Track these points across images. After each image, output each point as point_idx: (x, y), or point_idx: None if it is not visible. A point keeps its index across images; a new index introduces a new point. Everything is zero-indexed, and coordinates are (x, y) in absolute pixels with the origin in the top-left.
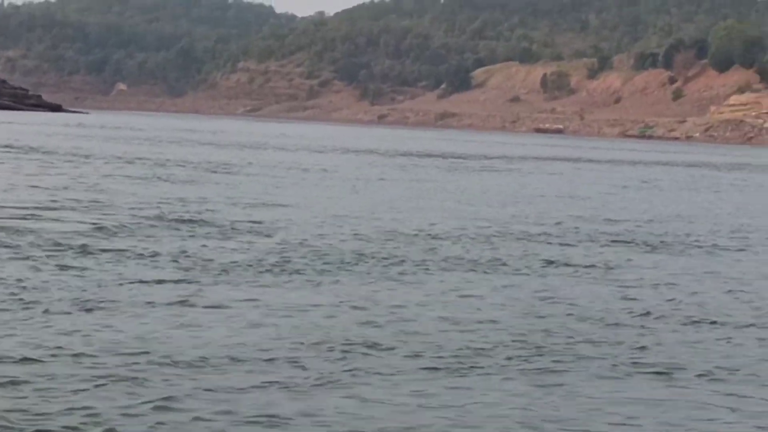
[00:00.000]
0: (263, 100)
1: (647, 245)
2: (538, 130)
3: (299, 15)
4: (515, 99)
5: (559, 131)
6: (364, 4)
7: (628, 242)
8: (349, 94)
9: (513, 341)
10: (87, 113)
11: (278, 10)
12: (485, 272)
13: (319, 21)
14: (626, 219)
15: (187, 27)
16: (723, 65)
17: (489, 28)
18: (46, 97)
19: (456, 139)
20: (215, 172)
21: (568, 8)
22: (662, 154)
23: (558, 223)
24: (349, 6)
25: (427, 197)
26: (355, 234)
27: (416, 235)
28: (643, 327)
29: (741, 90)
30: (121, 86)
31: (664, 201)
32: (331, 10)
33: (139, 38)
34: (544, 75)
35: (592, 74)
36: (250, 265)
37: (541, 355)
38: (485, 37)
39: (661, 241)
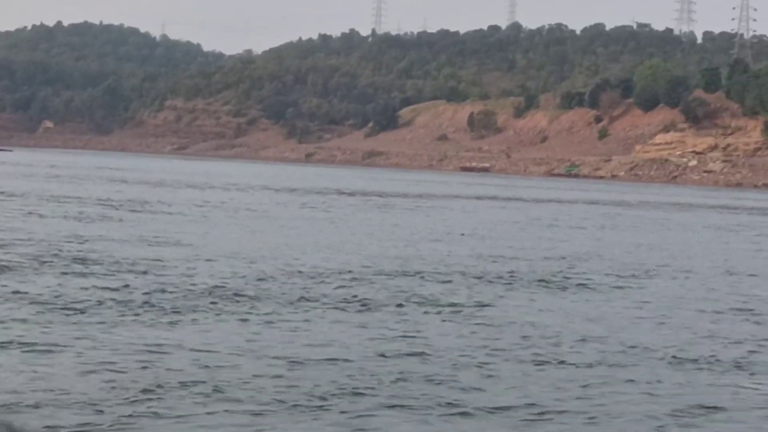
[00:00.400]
0: (190, 138)
1: (528, 283)
2: (465, 169)
3: (227, 53)
4: (442, 137)
5: (485, 170)
6: (291, 42)
7: (511, 280)
8: (277, 132)
9: (330, 381)
10: (10, 150)
11: (206, 48)
12: (345, 310)
13: (246, 59)
14: (522, 257)
15: (114, 65)
16: (648, 104)
17: (416, 67)
18: None
19: (379, 178)
20: (125, 209)
21: (495, 48)
22: (584, 192)
23: (452, 262)
24: (277, 44)
25: (333, 236)
26: (235, 273)
27: (299, 273)
28: (480, 366)
29: (666, 129)
30: (48, 124)
31: (569, 239)
32: (258, 48)
33: (66, 76)
34: (471, 114)
35: (519, 113)
36: (112, 304)
37: (357, 396)
38: (412, 76)
39: (543, 279)
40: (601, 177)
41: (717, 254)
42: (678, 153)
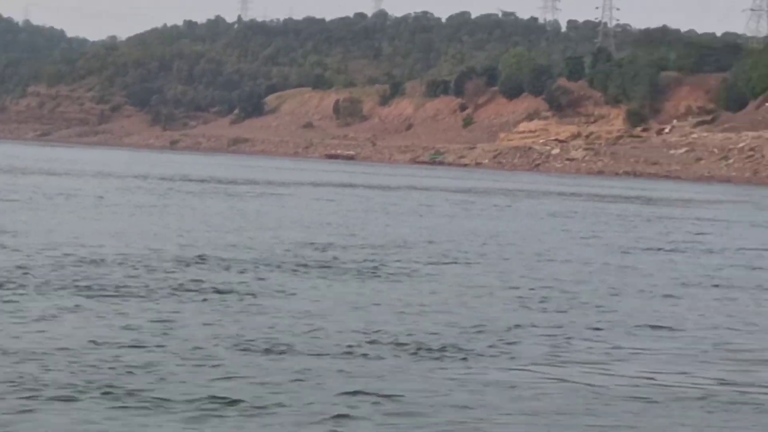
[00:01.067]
0: (53, 124)
1: (342, 271)
2: (330, 156)
3: (91, 39)
4: (308, 125)
5: (350, 157)
6: (156, 28)
7: (321, 268)
8: (141, 119)
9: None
10: None
11: (70, 34)
12: (111, 296)
13: (110, 45)
14: (352, 244)
15: None
16: (512, 93)
17: (282, 54)
18: None
19: (240, 165)
20: None
21: (361, 36)
22: (443, 180)
23: (273, 250)
24: (142, 30)
25: (159, 222)
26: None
27: (81, 260)
28: (212, 357)
29: (530, 117)
30: None
31: (409, 226)
32: (123, 35)
33: None
34: (337, 101)
35: (384, 101)
36: None
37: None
38: (278, 63)
39: (359, 267)
40: (466, 165)
41: (545, 240)
42: (541, 141)
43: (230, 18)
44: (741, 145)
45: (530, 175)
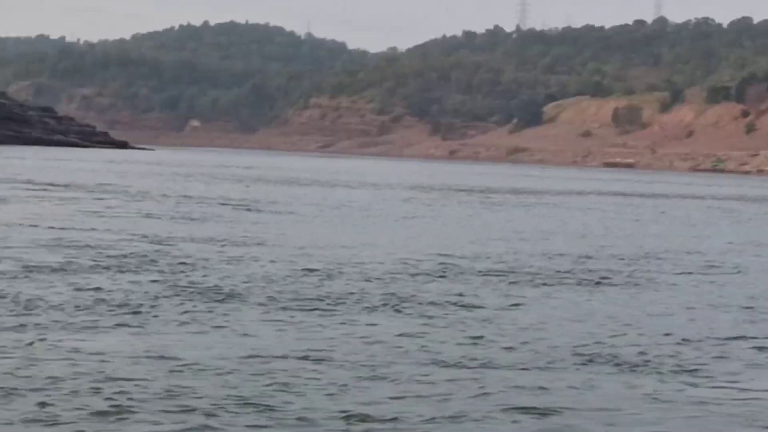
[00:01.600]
0: (335, 136)
1: (556, 280)
2: (609, 165)
3: (371, 51)
4: (586, 133)
5: (629, 166)
6: (435, 39)
7: (550, 279)
8: (421, 129)
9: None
10: (152, 149)
11: (350, 46)
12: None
13: (391, 57)
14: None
15: (260, 64)
16: None
17: (560, 62)
18: (121, 135)
19: (518, 174)
20: (241, 209)
21: (641, 42)
22: (717, 188)
23: (508, 260)
24: (421, 41)
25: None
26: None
27: (336, 271)
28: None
29: None
30: (195, 123)
31: (648, 234)
32: (403, 46)
33: (213, 75)
34: (616, 109)
35: (664, 108)
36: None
37: None
38: (556, 71)
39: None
40: (747, 172)
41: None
42: None
43: (509, 27)
44: None
45: None
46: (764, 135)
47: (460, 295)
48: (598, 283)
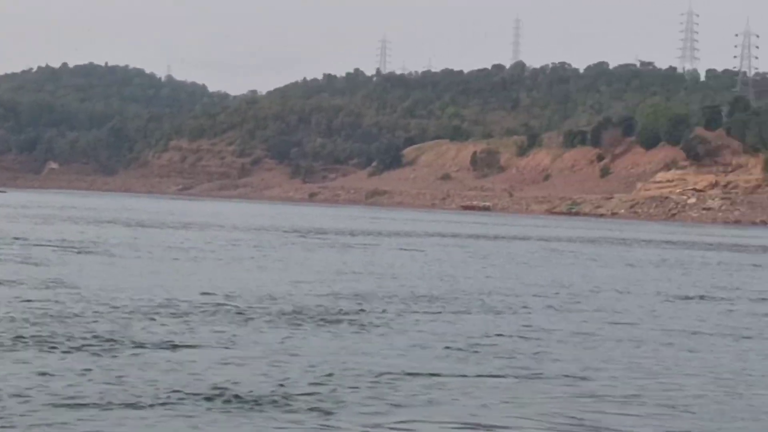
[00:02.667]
0: (195, 178)
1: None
2: (466, 208)
3: (232, 93)
4: (446, 176)
5: (486, 208)
6: (296, 82)
7: (287, 316)
8: (281, 171)
9: None
10: (4, 191)
11: (211, 88)
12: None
13: (251, 99)
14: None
15: (119, 105)
16: (650, 142)
17: (420, 106)
18: None
19: (366, 217)
20: (71, 251)
21: (499, 87)
22: (551, 229)
23: (271, 297)
24: (282, 84)
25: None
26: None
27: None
28: None
29: (667, 167)
30: (53, 165)
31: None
32: (263, 89)
33: (71, 117)
34: (474, 153)
35: (522, 152)
36: None
37: None
38: (416, 115)
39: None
40: (602, 215)
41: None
42: (678, 191)
43: (369, 71)
44: None
45: (657, 225)
46: (618, 178)
47: (150, 333)
48: (334, 321)
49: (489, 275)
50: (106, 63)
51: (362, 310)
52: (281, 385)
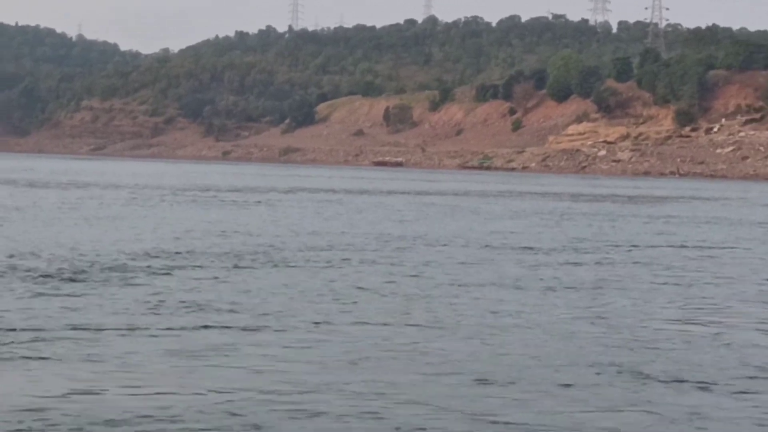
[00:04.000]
0: (108, 138)
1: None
2: (378, 164)
3: (144, 52)
4: (358, 133)
5: (398, 164)
6: (208, 40)
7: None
8: (194, 130)
9: None
10: None
11: (123, 47)
12: None
13: (163, 58)
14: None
15: (31, 66)
16: (561, 95)
17: (333, 62)
18: None
19: (273, 174)
20: None
21: (412, 42)
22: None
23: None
24: (194, 42)
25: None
26: None
27: None
28: None
29: (578, 120)
30: None
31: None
32: (175, 47)
33: None
34: (387, 108)
35: (434, 107)
36: None
37: None
38: (329, 71)
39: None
40: (513, 169)
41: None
42: (590, 143)
43: (281, 28)
44: None
45: (567, 178)
46: (530, 132)
47: None
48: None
49: (335, 229)
50: (17, 23)
51: (134, 267)
52: None
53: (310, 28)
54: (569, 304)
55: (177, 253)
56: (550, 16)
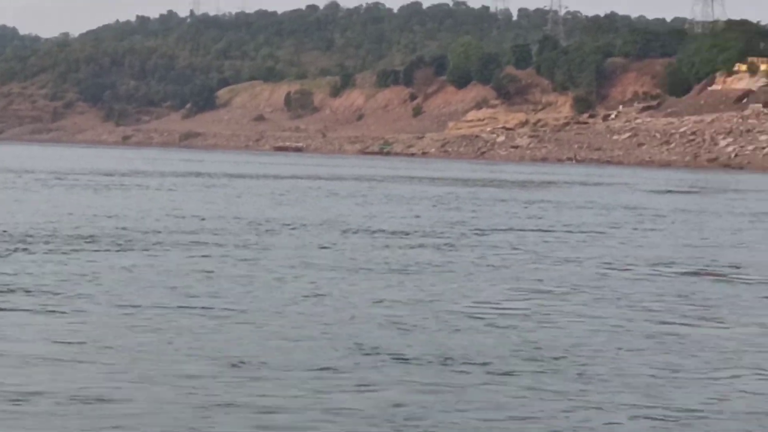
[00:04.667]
0: (6, 122)
1: None
2: (279, 149)
3: (43, 36)
4: (259, 118)
5: (299, 149)
6: (108, 24)
7: None
8: (95, 115)
9: None
10: None
11: (22, 31)
12: None
13: (62, 42)
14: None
15: None
16: (461, 82)
17: (234, 47)
18: None
19: (168, 159)
20: None
21: (314, 27)
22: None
23: None
24: (94, 27)
25: None
26: None
27: None
28: None
29: (478, 106)
30: None
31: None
32: (75, 31)
33: None
34: (288, 93)
35: (336, 92)
36: None
37: None
38: (231, 56)
39: None
40: (413, 154)
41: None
42: (489, 129)
43: (182, 13)
44: (683, 129)
45: (462, 163)
46: (431, 118)
47: None
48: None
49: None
50: None
51: None
52: None
53: (212, 13)
54: (389, 286)
55: (29, 236)
56: (451, 3)
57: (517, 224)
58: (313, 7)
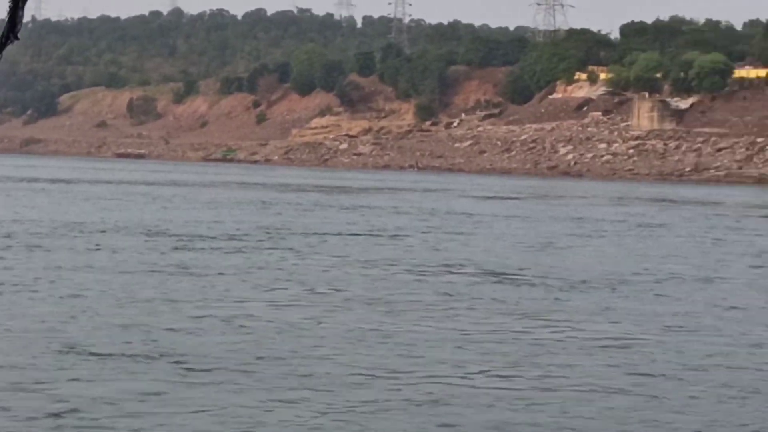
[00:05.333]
0: None
1: None
2: (121, 155)
3: None
4: (102, 124)
5: (141, 156)
6: None
7: None
8: None
9: None
10: None
11: None
12: None
13: None
14: None
15: None
16: (305, 89)
17: (76, 53)
18: None
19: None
20: None
21: (157, 34)
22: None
23: None
24: None
25: None
26: None
27: None
28: None
29: (322, 113)
30: None
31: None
32: None
33: None
34: (131, 100)
35: (179, 99)
36: None
37: None
38: (73, 62)
39: None
40: (256, 161)
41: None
42: (332, 137)
43: (24, 17)
44: (523, 137)
45: (311, 171)
46: (274, 125)
47: None
48: None
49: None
50: None
51: None
52: None
53: (54, 18)
54: (137, 287)
55: None
56: (295, 10)
57: (324, 228)
58: (156, 13)
